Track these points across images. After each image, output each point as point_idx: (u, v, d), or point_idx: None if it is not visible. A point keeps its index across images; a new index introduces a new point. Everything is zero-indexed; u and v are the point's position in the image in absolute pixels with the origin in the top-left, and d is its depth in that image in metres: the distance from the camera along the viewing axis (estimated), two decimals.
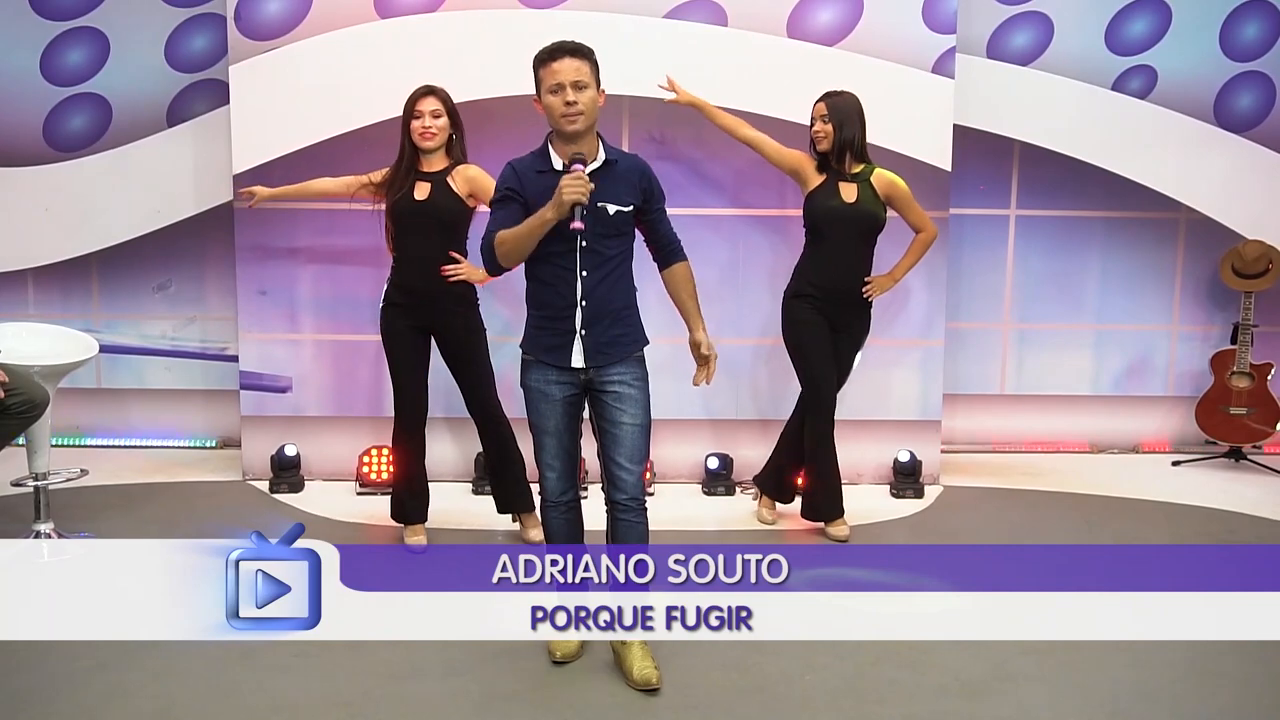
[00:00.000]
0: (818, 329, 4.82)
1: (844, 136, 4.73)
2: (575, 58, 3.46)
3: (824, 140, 4.75)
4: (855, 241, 4.80)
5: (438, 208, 4.52)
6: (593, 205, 3.41)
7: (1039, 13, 6.04)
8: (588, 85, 3.44)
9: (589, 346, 3.52)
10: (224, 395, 6.09)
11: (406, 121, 4.55)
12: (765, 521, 5.11)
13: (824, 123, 4.75)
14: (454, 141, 4.59)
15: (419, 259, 4.55)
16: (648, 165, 3.63)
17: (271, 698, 3.45)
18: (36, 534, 4.51)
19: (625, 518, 3.57)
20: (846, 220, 4.75)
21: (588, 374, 3.55)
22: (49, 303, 6.13)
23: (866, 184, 4.78)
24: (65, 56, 5.93)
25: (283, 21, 5.44)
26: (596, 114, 3.48)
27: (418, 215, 4.51)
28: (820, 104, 4.78)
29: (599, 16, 5.37)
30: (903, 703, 3.48)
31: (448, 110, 4.56)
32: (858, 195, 4.75)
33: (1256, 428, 6.06)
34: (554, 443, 3.63)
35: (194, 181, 5.96)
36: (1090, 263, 6.28)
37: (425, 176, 4.55)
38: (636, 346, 3.61)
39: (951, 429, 6.17)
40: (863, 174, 4.79)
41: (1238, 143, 6.17)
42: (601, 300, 3.51)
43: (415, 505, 4.77)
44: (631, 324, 3.61)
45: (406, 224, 4.54)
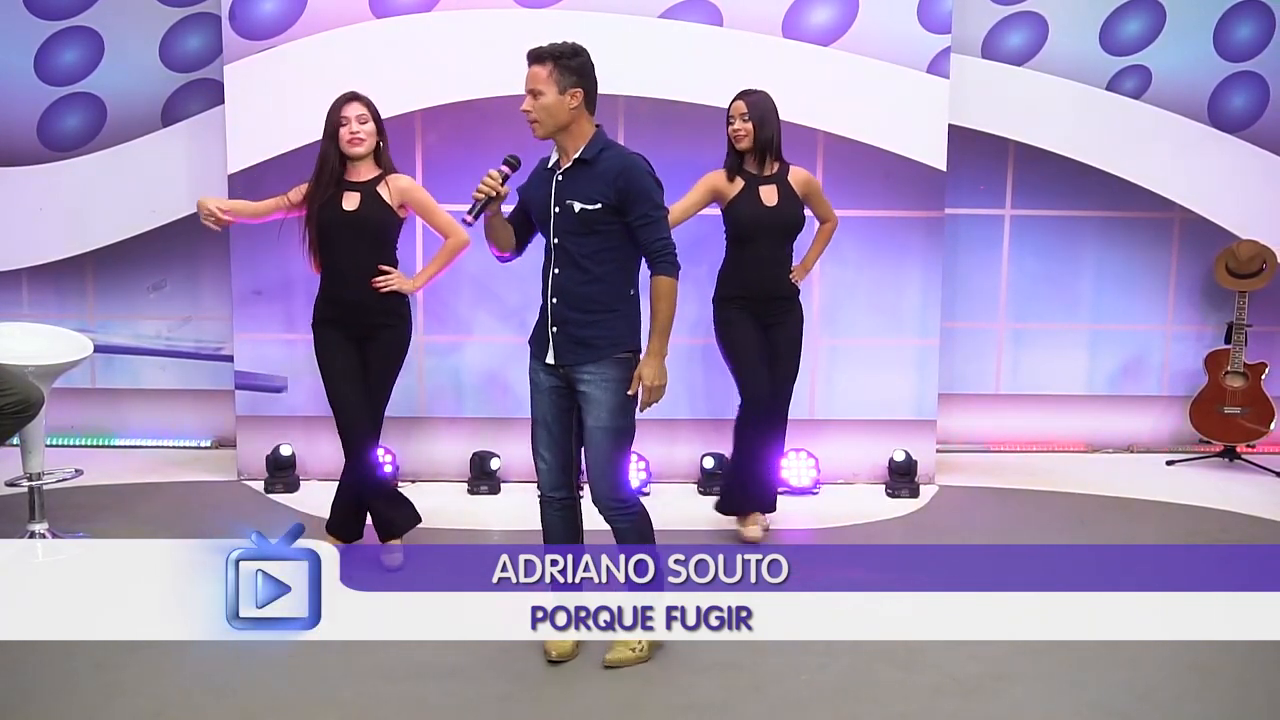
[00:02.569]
0: (747, 329, 4.75)
1: (764, 135, 4.67)
2: (535, 64, 3.56)
3: (745, 139, 4.67)
4: (779, 243, 4.76)
5: (369, 218, 4.35)
6: (561, 202, 3.52)
7: (1034, 13, 6.05)
8: (543, 91, 3.51)
9: (559, 343, 3.58)
10: (219, 395, 6.08)
11: (333, 129, 4.36)
12: (754, 539, 4.90)
13: (744, 121, 4.67)
14: (381, 150, 4.44)
15: (348, 271, 4.36)
16: (636, 166, 3.53)
17: (270, 698, 3.44)
18: (31, 534, 4.49)
19: (613, 523, 3.62)
20: (770, 224, 4.71)
21: (563, 370, 3.59)
22: (43, 302, 6.11)
23: (785, 184, 4.74)
24: (60, 56, 5.92)
25: (277, 21, 5.43)
26: (564, 115, 3.52)
27: (348, 226, 4.33)
28: (739, 102, 4.70)
29: (594, 16, 5.37)
30: (899, 702, 3.49)
31: (373, 116, 4.39)
32: (778, 197, 4.71)
33: (1250, 427, 6.08)
34: (544, 433, 3.67)
35: (189, 181, 5.94)
36: (1085, 262, 6.29)
37: (353, 186, 4.37)
38: (614, 349, 3.55)
39: (947, 429, 6.17)
40: (779, 174, 4.75)
41: (1232, 143, 6.19)
42: (571, 299, 3.54)
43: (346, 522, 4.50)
44: (610, 327, 3.55)
45: (335, 235, 4.36)
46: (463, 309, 5.67)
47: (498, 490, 5.53)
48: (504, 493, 5.52)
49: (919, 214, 5.60)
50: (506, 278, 5.54)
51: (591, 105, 3.59)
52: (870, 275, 5.69)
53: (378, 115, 4.42)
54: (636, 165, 3.54)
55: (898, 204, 5.59)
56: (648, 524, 3.66)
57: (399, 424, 5.62)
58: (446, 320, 5.67)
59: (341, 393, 4.41)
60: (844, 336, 5.72)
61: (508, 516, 4.98)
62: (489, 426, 5.68)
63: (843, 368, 5.74)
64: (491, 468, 5.55)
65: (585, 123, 3.56)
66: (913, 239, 5.61)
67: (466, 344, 5.71)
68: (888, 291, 5.69)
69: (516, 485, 5.59)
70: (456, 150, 5.51)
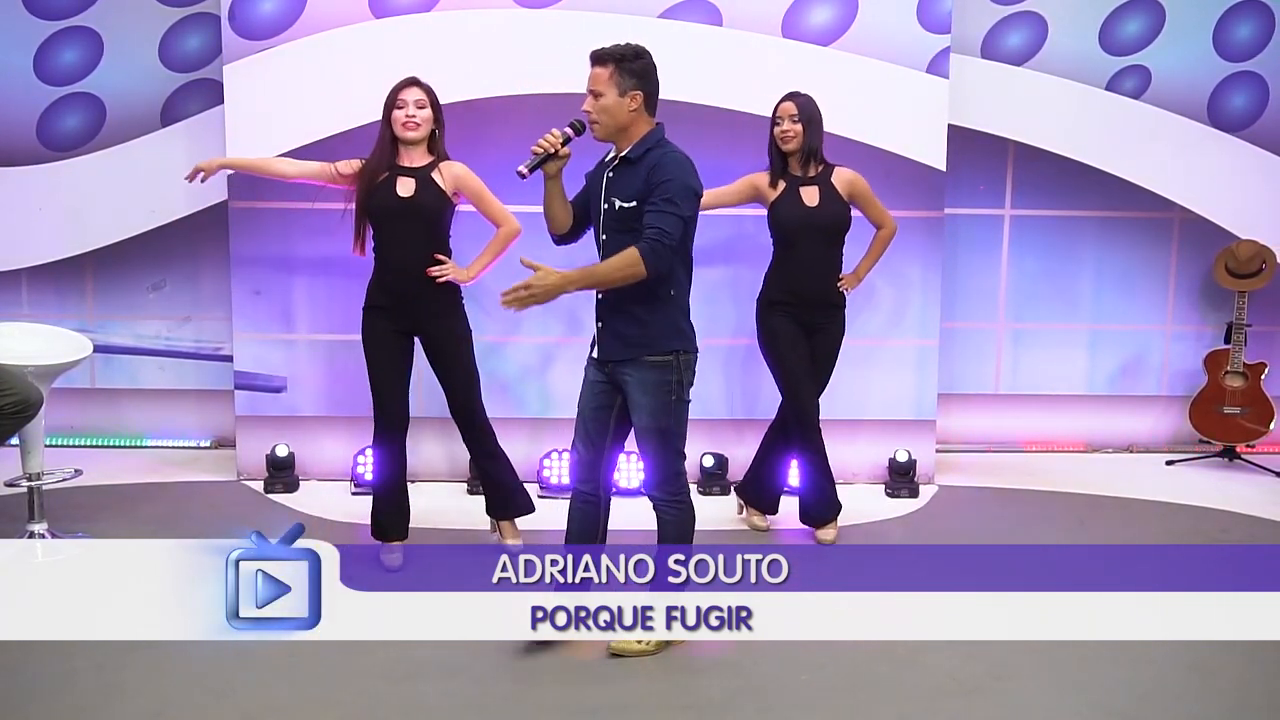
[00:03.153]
0: (794, 338, 4.79)
1: (811, 138, 4.69)
2: (598, 65, 3.61)
3: (792, 140, 4.68)
4: (823, 245, 4.76)
5: (425, 205, 4.35)
6: (609, 199, 3.59)
7: (1033, 13, 6.05)
8: (603, 93, 3.56)
9: (603, 339, 3.67)
10: (218, 395, 6.07)
11: (388, 112, 4.38)
12: (758, 528, 5.07)
13: (793, 123, 4.68)
14: (435, 137, 4.44)
15: (404, 259, 4.36)
16: (669, 161, 3.57)
17: (270, 698, 3.44)
18: (31, 534, 4.49)
19: (658, 514, 3.72)
20: (813, 226, 4.71)
21: (608, 367, 3.66)
22: (43, 302, 6.11)
23: (828, 185, 4.74)
24: (59, 56, 5.91)
25: (277, 21, 5.43)
26: (623, 117, 3.58)
27: (403, 213, 4.33)
28: (788, 103, 4.70)
29: (593, 17, 5.37)
30: (899, 702, 3.49)
31: (432, 103, 4.41)
32: (820, 199, 4.71)
33: (1250, 427, 6.08)
34: (581, 425, 3.78)
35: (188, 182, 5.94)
36: (1084, 262, 6.29)
37: (407, 172, 4.37)
38: (650, 350, 3.60)
39: (946, 428, 6.18)
40: (822, 175, 4.75)
41: (1232, 143, 6.19)
42: (614, 296, 3.60)
43: (395, 521, 4.58)
44: (648, 327, 3.60)
45: (390, 223, 4.36)
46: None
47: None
48: None
49: (919, 214, 5.60)
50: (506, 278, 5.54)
51: (652, 108, 3.65)
52: (870, 275, 5.67)
53: (436, 102, 4.44)
54: (670, 160, 3.58)
55: (897, 204, 5.57)
56: (689, 523, 3.74)
57: None
58: None
59: (381, 391, 4.47)
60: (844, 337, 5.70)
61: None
62: None
63: (842, 368, 5.70)
64: None
65: (644, 124, 3.63)
66: (912, 239, 5.61)
67: None
68: (887, 291, 5.68)
69: None
70: (457, 151, 5.47)
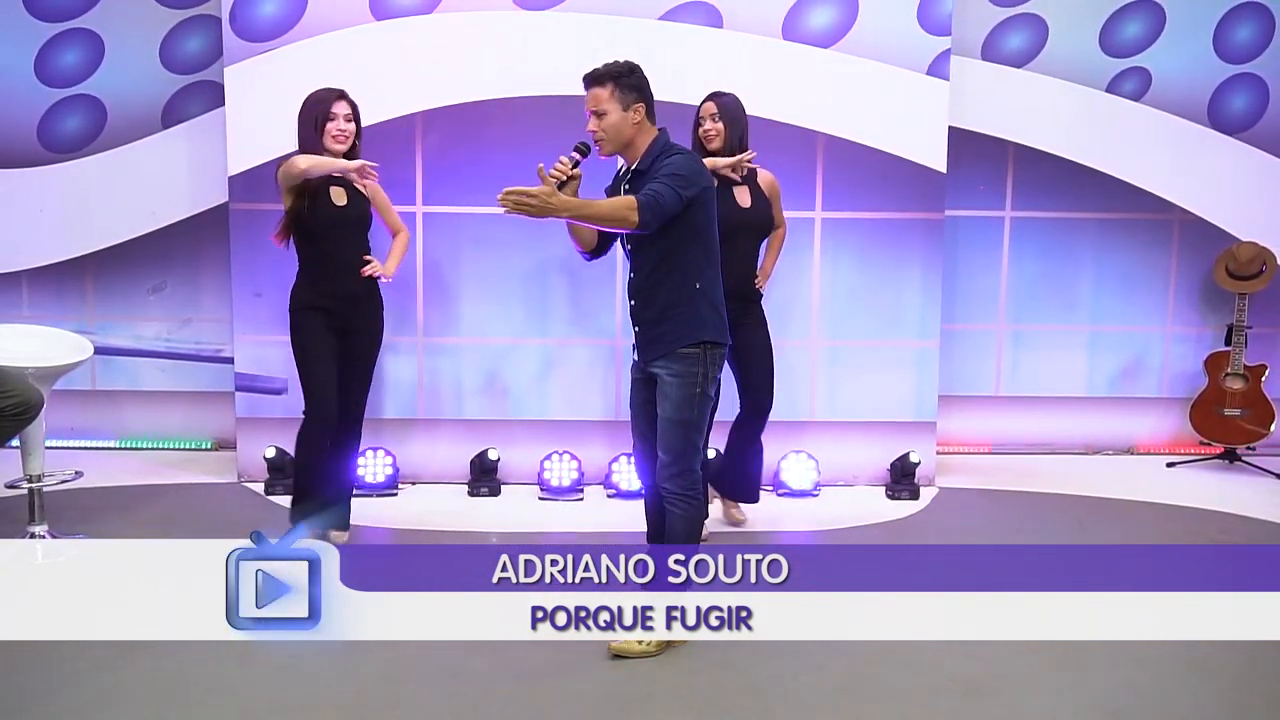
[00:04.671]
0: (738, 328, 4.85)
1: (734, 136, 4.70)
2: (594, 85, 3.69)
3: (716, 139, 4.70)
4: (753, 243, 4.81)
5: (359, 212, 4.60)
6: None
7: (1034, 15, 6.06)
8: (606, 111, 3.65)
9: (641, 342, 3.80)
10: (219, 397, 6.08)
11: (319, 122, 4.54)
12: (737, 520, 5.07)
13: (714, 121, 4.70)
14: (355, 148, 4.62)
15: (342, 262, 4.57)
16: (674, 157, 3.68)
17: (270, 698, 3.44)
18: (31, 536, 4.49)
19: (667, 506, 3.77)
20: (746, 225, 4.74)
21: (644, 365, 3.80)
22: (43, 304, 6.12)
23: (755, 185, 4.78)
24: (60, 58, 5.92)
25: (278, 23, 5.44)
26: (628, 131, 3.68)
27: (341, 221, 4.56)
28: (709, 104, 4.73)
29: (594, 19, 5.38)
30: (899, 703, 3.49)
31: (355, 117, 4.60)
32: (751, 199, 4.75)
33: (1250, 429, 6.08)
34: (634, 424, 3.94)
35: (189, 183, 5.95)
36: (1084, 264, 6.30)
37: (337, 181, 4.57)
38: (680, 343, 3.72)
39: (947, 430, 6.18)
40: (749, 176, 4.78)
41: (1232, 144, 6.20)
42: (645, 299, 3.76)
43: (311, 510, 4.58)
44: (678, 321, 3.72)
45: (329, 230, 4.55)
46: (464, 310, 5.67)
47: (498, 492, 5.52)
48: (504, 494, 5.52)
49: (919, 215, 5.61)
50: (506, 279, 5.56)
51: (652, 116, 3.75)
52: (870, 277, 5.69)
53: (359, 116, 4.63)
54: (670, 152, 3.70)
55: (898, 206, 5.60)
56: (698, 520, 3.84)
57: (398, 425, 5.64)
58: (447, 321, 5.67)
59: (320, 384, 4.58)
60: (844, 338, 5.72)
61: (507, 518, 4.98)
62: (489, 428, 5.67)
63: (843, 369, 5.74)
64: (491, 469, 5.55)
65: (647, 133, 3.73)
66: (913, 240, 5.62)
67: (467, 345, 5.70)
68: (888, 293, 5.69)
69: (516, 487, 5.60)
70: (457, 152, 5.52)
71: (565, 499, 5.49)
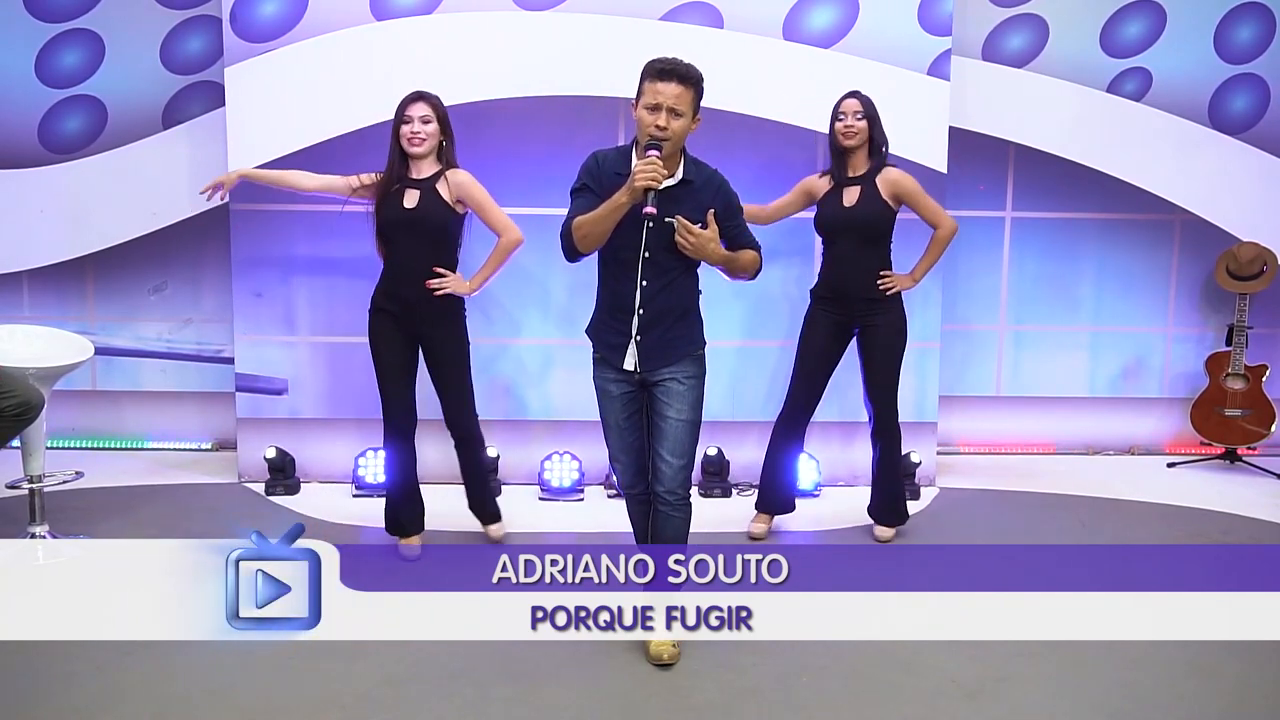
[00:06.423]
0: (817, 338, 4.88)
1: (875, 134, 4.72)
2: (681, 84, 3.47)
3: (856, 136, 4.69)
4: (857, 244, 4.75)
5: (426, 216, 4.44)
6: (659, 220, 3.48)
7: (1034, 15, 6.06)
8: (683, 114, 3.49)
9: (642, 351, 3.67)
10: (219, 397, 6.08)
11: (396, 127, 4.48)
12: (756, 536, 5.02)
13: (858, 119, 4.69)
14: (444, 148, 4.52)
15: (407, 268, 4.47)
16: (725, 181, 3.68)
17: (270, 698, 3.44)
18: (31, 536, 4.49)
19: (663, 510, 3.72)
20: (844, 226, 4.73)
21: (640, 374, 3.69)
22: (44, 305, 6.11)
23: (870, 185, 4.72)
24: (60, 58, 5.92)
25: (278, 24, 5.43)
26: (683, 140, 3.56)
27: (407, 225, 4.44)
28: (852, 100, 4.71)
29: (595, 19, 5.38)
30: (899, 704, 3.49)
31: (438, 116, 4.47)
32: (858, 199, 4.71)
33: (1251, 429, 6.08)
34: (616, 438, 3.81)
35: (189, 184, 5.94)
36: (1085, 265, 6.29)
37: (414, 184, 4.47)
38: (692, 348, 3.70)
39: (948, 431, 6.18)
40: (866, 175, 4.74)
41: (1232, 145, 6.19)
42: (659, 308, 3.64)
43: (411, 516, 4.70)
44: (688, 326, 3.71)
45: (395, 232, 4.48)
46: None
47: (498, 492, 5.51)
48: (504, 494, 5.51)
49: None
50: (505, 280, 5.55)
51: None
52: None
53: (444, 114, 4.52)
54: (726, 182, 3.69)
55: None
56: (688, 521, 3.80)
57: None
58: None
59: (388, 390, 4.60)
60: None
61: (507, 518, 4.97)
62: (489, 428, 5.66)
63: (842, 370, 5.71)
64: (491, 469, 5.54)
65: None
66: (913, 241, 5.60)
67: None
68: None
69: (516, 487, 5.60)
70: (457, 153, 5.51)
71: (565, 499, 5.49)
